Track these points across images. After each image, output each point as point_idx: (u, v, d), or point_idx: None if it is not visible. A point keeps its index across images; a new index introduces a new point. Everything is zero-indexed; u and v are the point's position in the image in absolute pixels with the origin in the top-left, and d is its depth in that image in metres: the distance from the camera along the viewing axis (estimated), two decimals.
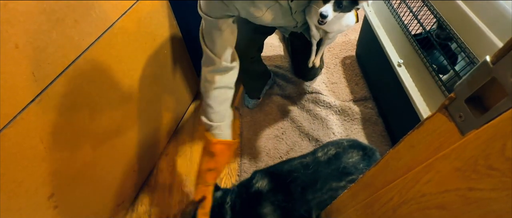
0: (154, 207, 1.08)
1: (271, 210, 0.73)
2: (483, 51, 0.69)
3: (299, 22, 0.91)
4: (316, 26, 0.90)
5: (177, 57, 1.17)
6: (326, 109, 1.31)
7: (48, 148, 0.69)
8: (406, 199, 0.39)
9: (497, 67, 0.23)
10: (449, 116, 0.28)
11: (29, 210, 0.68)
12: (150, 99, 1.05)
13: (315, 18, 0.85)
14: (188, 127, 1.32)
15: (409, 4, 0.98)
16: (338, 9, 0.75)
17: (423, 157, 0.34)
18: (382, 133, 1.21)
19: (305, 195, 0.74)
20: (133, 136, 1.00)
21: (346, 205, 0.62)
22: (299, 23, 0.92)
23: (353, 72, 1.46)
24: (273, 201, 0.73)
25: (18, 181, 0.63)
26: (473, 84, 0.25)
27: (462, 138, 0.27)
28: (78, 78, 0.73)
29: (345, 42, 1.61)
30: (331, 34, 0.94)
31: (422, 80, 0.91)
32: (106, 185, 0.93)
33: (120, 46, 0.85)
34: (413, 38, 0.94)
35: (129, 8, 0.86)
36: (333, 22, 0.81)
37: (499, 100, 0.23)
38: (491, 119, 0.24)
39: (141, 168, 1.10)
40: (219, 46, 0.79)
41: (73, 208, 0.81)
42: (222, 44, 0.79)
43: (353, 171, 0.76)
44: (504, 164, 0.23)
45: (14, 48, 0.56)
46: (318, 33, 0.94)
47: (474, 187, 0.27)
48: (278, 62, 1.54)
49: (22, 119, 0.61)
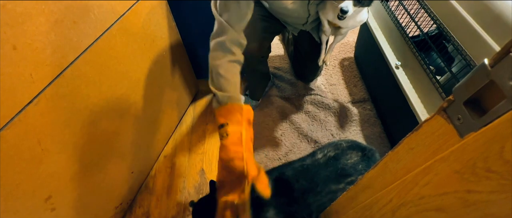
0: (152, 209, 1.08)
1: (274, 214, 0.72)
2: (479, 53, 0.70)
3: (312, 15, 0.92)
4: (329, 21, 0.91)
5: (176, 59, 1.17)
6: (325, 110, 1.31)
7: (46, 150, 0.68)
8: (404, 201, 0.39)
9: (495, 70, 0.23)
10: (447, 118, 0.28)
11: (26, 212, 0.67)
12: (148, 101, 1.05)
13: (330, 14, 0.87)
14: (187, 129, 1.32)
15: (407, 6, 0.98)
16: (358, 4, 0.76)
17: (422, 159, 0.34)
18: (381, 134, 1.21)
19: (306, 198, 0.74)
20: (131, 138, 1.00)
21: (345, 207, 0.62)
22: (310, 17, 0.93)
23: (351, 74, 1.47)
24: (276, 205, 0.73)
25: (15, 183, 0.63)
26: (472, 87, 0.25)
27: (460, 141, 0.27)
28: (76, 79, 0.72)
29: (343, 44, 1.62)
30: (344, 30, 0.95)
31: (419, 82, 0.92)
32: (104, 187, 0.92)
33: (119, 47, 0.85)
34: (410, 40, 0.95)
35: (128, 10, 0.86)
36: (349, 18, 0.82)
37: (497, 103, 0.23)
38: (489, 121, 0.24)
39: (139, 170, 1.10)
40: (234, 17, 0.74)
41: (71, 211, 0.81)
42: (238, 15, 0.75)
43: (352, 172, 0.76)
44: (502, 166, 0.23)
45: (12, 49, 0.56)
46: (330, 29, 0.96)
47: (472, 190, 0.27)
48: (277, 64, 1.54)
49: (20, 121, 0.61)
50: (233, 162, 0.67)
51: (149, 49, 1.00)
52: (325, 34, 1.01)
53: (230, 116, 0.71)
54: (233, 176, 0.68)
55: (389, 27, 1.09)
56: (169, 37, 1.10)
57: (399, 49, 1.03)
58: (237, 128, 0.70)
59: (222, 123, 0.71)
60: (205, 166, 1.19)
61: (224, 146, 0.69)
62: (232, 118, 0.71)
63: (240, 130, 0.70)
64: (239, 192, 0.66)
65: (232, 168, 0.67)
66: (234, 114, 0.72)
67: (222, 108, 0.73)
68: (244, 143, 0.69)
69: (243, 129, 0.71)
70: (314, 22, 1.02)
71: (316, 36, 1.10)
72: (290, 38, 1.53)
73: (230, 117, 0.71)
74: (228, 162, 0.68)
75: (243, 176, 0.66)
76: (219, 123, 0.72)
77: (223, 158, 0.69)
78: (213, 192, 0.82)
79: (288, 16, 0.98)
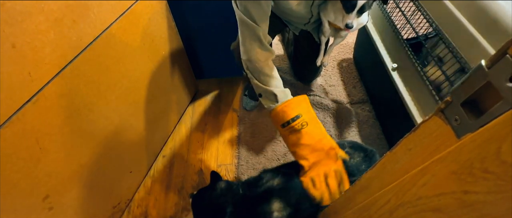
0: (150, 209, 1.08)
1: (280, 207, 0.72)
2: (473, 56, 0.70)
3: (314, 16, 0.95)
4: (330, 22, 0.93)
5: (175, 58, 1.17)
6: (324, 111, 1.31)
7: (44, 149, 0.68)
8: (402, 202, 0.39)
9: (492, 72, 0.23)
10: (445, 119, 0.29)
11: (23, 211, 0.67)
12: (147, 101, 1.05)
13: (331, 15, 0.88)
14: (186, 129, 1.31)
15: (403, 9, 0.99)
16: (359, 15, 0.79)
17: (420, 160, 0.34)
18: (379, 135, 1.22)
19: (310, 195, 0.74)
20: (130, 137, 1.00)
21: (343, 207, 0.62)
22: (313, 18, 0.95)
23: (350, 75, 1.47)
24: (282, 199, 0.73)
25: (13, 182, 0.63)
26: (469, 88, 0.25)
27: (458, 141, 0.27)
28: (75, 78, 0.72)
29: (342, 45, 1.62)
30: (344, 33, 0.96)
31: (415, 84, 0.92)
32: (102, 186, 0.92)
33: (118, 47, 0.85)
34: (405, 42, 0.95)
35: (128, 9, 0.86)
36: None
37: (494, 104, 0.23)
38: (486, 122, 0.24)
39: (137, 170, 1.10)
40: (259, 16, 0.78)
41: (68, 210, 0.81)
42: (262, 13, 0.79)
43: (356, 172, 0.77)
44: (499, 167, 0.24)
45: (11, 48, 0.56)
46: (330, 30, 0.97)
47: (469, 190, 0.28)
48: (277, 64, 1.54)
49: (18, 119, 0.61)
50: (323, 141, 0.77)
51: (149, 49, 1.00)
52: (324, 35, 1.01)
53: (299, 108, 0.79)
54: (322, 154, 0.76)
55: (386, 29, 1.09)
56: (169, 37, 1.10)
57: (396, 52, 1.04)
58: (310, 115, 0.80)
59: (295, 115, 0.78)
60: (203, 166, 1.19)
61: (307, 133, 0.77)
62: (303, 109, 0.80)
63: (314, 115, 0.80)
64: (331, 163, 0.76)
65: (324, 146, 0.77)
66: (302, 105, 0.80)
67: (288, 103, 0.80)
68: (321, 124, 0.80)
69: (315, 115, 0.81)
70: (315, 23, 1.03)
71: (316, 37, 1.10)
72: (289, 38, 1.54)
73: (300, 108, 0.79)
74: (318, 143, 0.77)
75: (332, 149, 0.76)
76: (290, 117, 0.78)
77: (310, 143, 0.77)
78: (213, 183, 0.82)
79: (292, 15, 0.99)
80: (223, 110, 1.38)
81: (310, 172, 0.76)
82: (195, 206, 0.82)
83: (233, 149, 1.23)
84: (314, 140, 0.77)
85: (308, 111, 0.81)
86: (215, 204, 0.78)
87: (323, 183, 0.74)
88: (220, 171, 1.16)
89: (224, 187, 0.80)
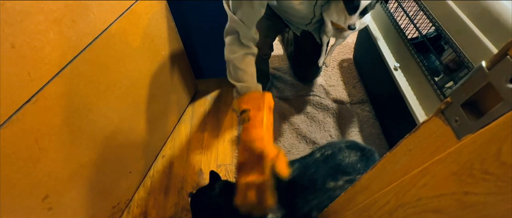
0: (149, 209, 1.07)
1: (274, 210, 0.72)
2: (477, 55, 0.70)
3: (316, 16, 0.95)
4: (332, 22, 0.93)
5: (175, 59, 1.17)
6: (324, 111, 1.31)
7: (43, 149, 0.68)
8: (402, 203, 0.39)
9: (492, 73, 0.23)
10: (445, 120, 0.28)
11: (23, 211, 0.67)
12: (147, 101, 1.05)
13: (334, 15, 0.89)
14: (186, 129, 1.31)
15: (406, 8, 0.99)
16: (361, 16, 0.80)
17: (420, 161, 0.34)
18: (379, 135, 1.22)
19: (306, 195, 0.75)
20: (129, 137, 1.00)
21: (343, 208, 0.62)
22: (315, 18, 0.96)
23: (350, 75, 1.47)
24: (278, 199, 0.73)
25: (12, 182, 0.63)
26: (469, 89, 0.25)
27: (458, 142, 0.27)
28: (75, 78, 0.72)
29: (343, 45, 1.62)
30: (346, 33, 0.97)
31: (418, 84, 0.92)
32: (102, 186, 0.92)
33: (118, 46, 0.85)
34: (409, 42, 0.95)
35: (127, 9, 0.86)
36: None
37: (494, 105, 0.23)
38: (486, 123, 0.24)
39: (137, 170, 1.10)
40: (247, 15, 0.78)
41: (68, 210, 0.80)
42: (251, 13, 0.78)
43: (351, 171, 0.77)
44: (499, 168, 0.23)
45: (11, 48, 0.56)
46: (332, 30, 0.97)
47: (469, 191, 0.28)
48: (277, 64, 1.55)
49: (18, 119, 0.60)
50: (254, 143, 0.71)
51: (148, 49, 1.00)
52: (326, 35, 1.02)
53: (252, 103, 0.77)
54: (253, 158, 0.71)
55: (388, 29, 1.09)
56: (169, 37, 1.10)
57: (398, 51, 1.04)
58: (258, 112, 0.75)
59: (244, 109, 0.76)
60: (203, 166, 1.19)
61: (245, 129, 0.74)
62: (254, 104, 0.76)
63: (262, 115, 0.75)
64: (260, 172, 0.69)
65: (253, 149, 0.71)
66: (255, 101, 0.77)
67: (244, 96, 0.79)
68: (264, 126, 0.73)
69: (264, 114, 0.75)
70: (317, 23, 1.03)
71: (317, 37, 1.11)
72: (289, 39, 1.54)
73: (252, 103, 0.77)
74: (249, 143, 0.72)
75: (262, 156, 0.69)
76: (241, 109, 0.77)
77: (244, 140, 0.73)
78: (212, 183, 0.82)
79: (294, 15, 0.99)
80: (222, 110, 1.38)
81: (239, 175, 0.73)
82: (194, 206, 0.83)
83: (233, 149, 1.23)
84: (248, 138, 0.73)
85: (259, 108, 0.76)
86: (214, 203, 0.78)
87: (241, 192, 0.70)
88: (220, 171, 1.16)
89: (223, 187, 0.81)
